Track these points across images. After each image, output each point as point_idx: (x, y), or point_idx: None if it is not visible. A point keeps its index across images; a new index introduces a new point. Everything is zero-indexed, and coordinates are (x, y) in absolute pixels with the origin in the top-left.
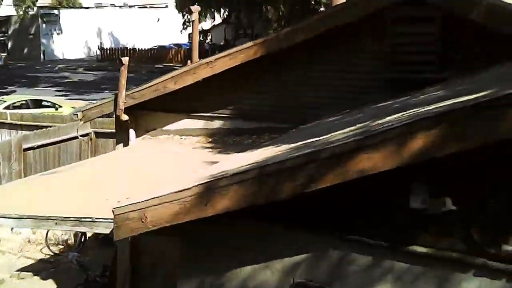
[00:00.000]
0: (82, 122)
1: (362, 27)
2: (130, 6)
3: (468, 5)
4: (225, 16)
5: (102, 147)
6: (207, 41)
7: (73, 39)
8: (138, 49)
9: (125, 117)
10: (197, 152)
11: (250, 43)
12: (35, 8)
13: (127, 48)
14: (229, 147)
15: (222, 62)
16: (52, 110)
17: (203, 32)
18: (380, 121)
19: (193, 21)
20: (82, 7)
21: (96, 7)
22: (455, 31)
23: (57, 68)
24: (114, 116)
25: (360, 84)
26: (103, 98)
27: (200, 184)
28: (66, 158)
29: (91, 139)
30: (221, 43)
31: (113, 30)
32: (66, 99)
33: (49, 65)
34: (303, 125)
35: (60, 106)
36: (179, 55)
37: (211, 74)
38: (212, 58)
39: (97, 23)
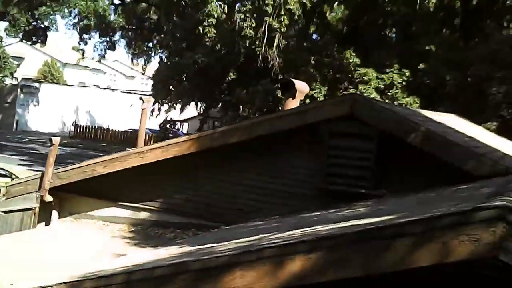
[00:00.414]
0: (4, 198)
1: (301, 136)
2: (113, 90)
3: (406, 129)
4: (201, 111)
5: None
6: (182, 130)
7: (49, 112)
8: (112, 130)
9: (49, 198)
10: (113, 242)
11: (184, 138)
12: (19, 78)
13: (101, 127)
14: (149, 239)
15: (153, 154)
16: (8, 179)
17: (172, 122)
18: (279, 235)
19: (142, 110)
20: (66, 84)
21: (79, 86)
22: (392, 151)
23: (27, 139)
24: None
25: (294, 191)
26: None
27: (63, 283)
28: (5, 229)
29: (34, 213)
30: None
31: (90, 109)
32: (28, 169)
33: (20, 135)
34: (230, 225)
35: (17, 177)
36: (152, 140)
37: (141, 164)
38: (145, 148)
39: (76, 100)
